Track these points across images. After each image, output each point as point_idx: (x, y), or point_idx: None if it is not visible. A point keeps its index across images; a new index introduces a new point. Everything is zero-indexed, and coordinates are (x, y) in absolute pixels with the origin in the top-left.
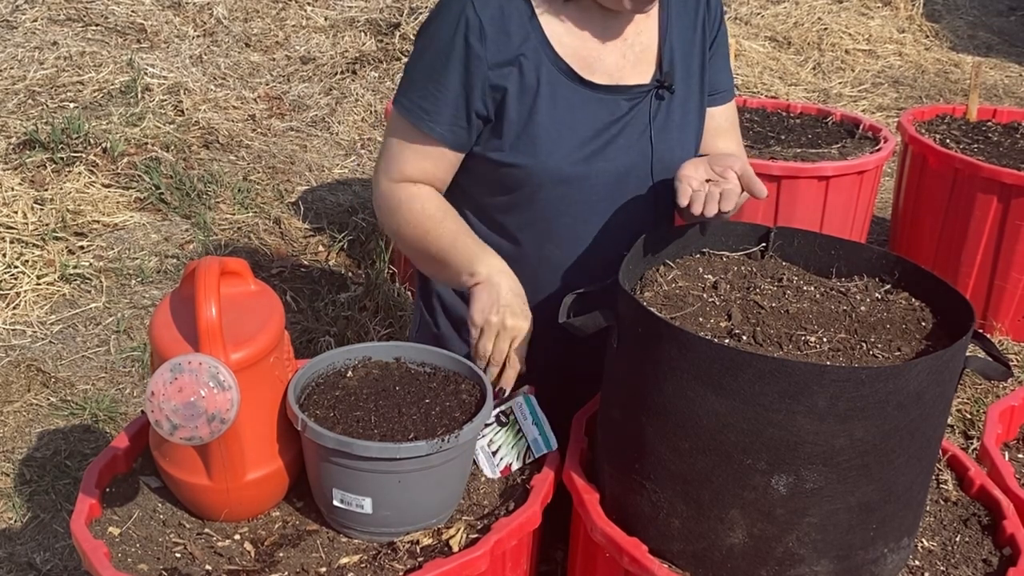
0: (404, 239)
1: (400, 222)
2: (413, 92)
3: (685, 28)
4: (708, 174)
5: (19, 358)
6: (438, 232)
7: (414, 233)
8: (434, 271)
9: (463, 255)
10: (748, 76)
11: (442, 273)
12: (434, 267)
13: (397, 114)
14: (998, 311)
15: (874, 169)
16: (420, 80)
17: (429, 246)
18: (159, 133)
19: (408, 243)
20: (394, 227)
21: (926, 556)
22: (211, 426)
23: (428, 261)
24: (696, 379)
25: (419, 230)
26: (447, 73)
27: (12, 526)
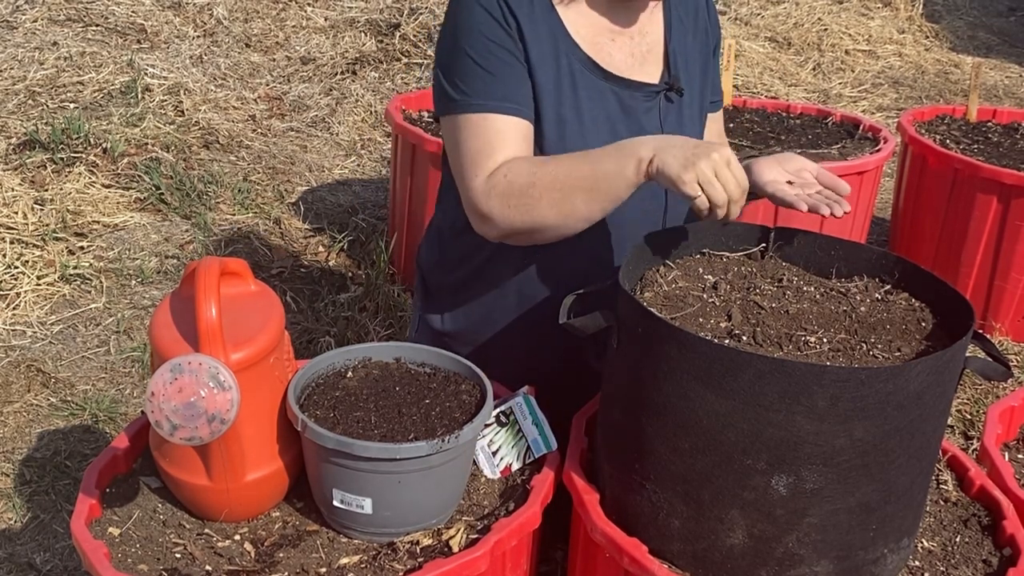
0: (543, 203)
1: (531, 191)
2: (476, 89)
3: (686, 32)
4: (787, 176)
5: (19, 358)
6: (570, 168)
7: (551, 186)
8: (598, 197)
9: (610, 159)
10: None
11: (607, 192)
12: (596, 195)
13: (462, 118)
14: (998, 311)
15: (874, 169)
16: (478, 78)
17: (570, 184)
18: (159, 133)
19: (548, 203)
20: (528, 203)
21: (926, 556)
22: (211, 426)
23: (588, 195)
24: (696, 379)
25: (552, 187)
26: (499, 52)
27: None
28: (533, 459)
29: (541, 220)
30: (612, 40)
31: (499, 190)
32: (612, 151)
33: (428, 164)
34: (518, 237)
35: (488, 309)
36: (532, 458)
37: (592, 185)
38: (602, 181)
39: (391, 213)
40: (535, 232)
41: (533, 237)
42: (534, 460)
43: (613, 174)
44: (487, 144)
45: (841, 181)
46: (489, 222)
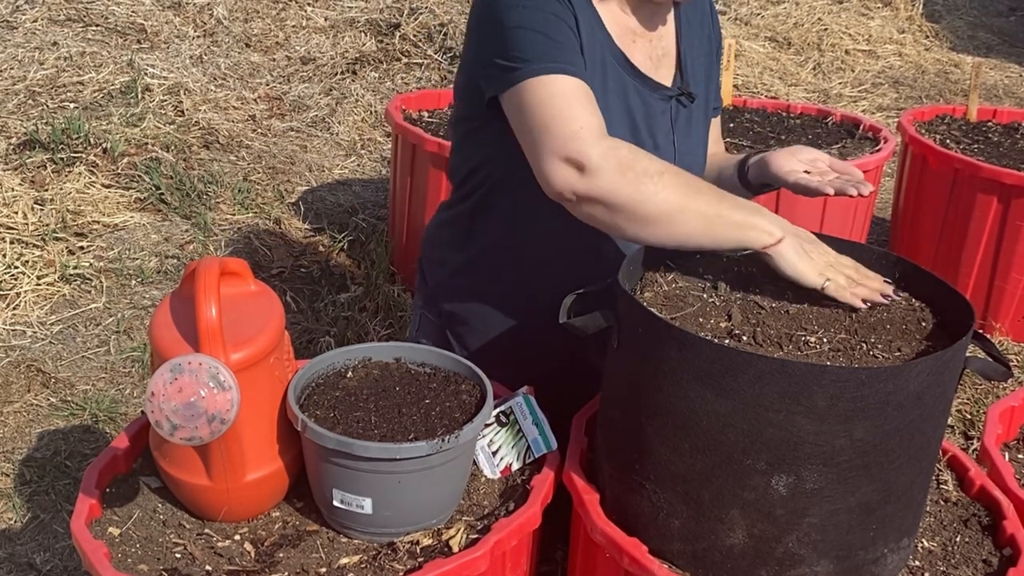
0: (659, 197)
1: (656, 178)
2: (544, 51)
3: (694, 38)
4: (804, 166)
5: (19, 358)
6: (700, 189)
7: (675, 191)
8: (705, 230)
9: (743, 211)
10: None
11: (714, 232)
12: (706, 226)
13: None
14: (998, 311)
15: (874, 169)
16: (548, 47)
17: (692, 206)
18: (159, 133)
19: (664, 203)
20: (645, 185)
21: (926, 556)
22: (211, 426)
23: (698, 220)
24: (696, 379)
25: (678, 188)
26: (562, 27)
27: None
28: (533, 459)
29: (645, 209)
30: (634, 41)
31: (622, 155)
32: (744, 204)
33: (428, 164)
34: (594, 207)
35: (491, 307)
36: (532, 458)
37: (714, 217)
38: (725, 222)
39: (391, 213)
40: (621, 214)
41: (609, 217)
42: (534, 460)
43: (738, 224)
44: (585, 99)
45: (852, 167)
46: (588, 175)
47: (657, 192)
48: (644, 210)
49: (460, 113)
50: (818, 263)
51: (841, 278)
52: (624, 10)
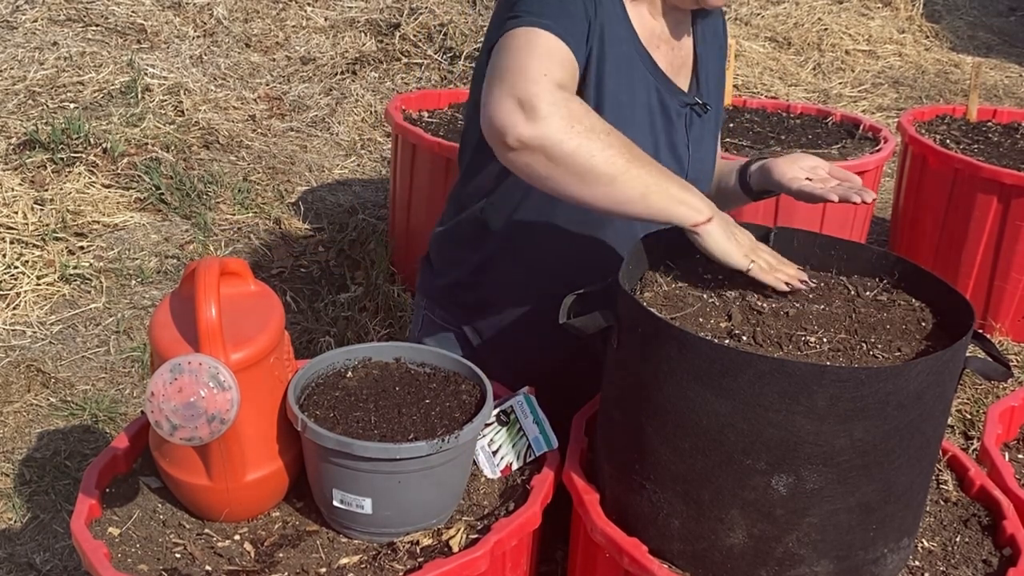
0: (604, 154)
1: (603, 136)
2: (544, 11)
3: (710, 49)
4: (805, 173)
5: (19, 358)
6: (642, 157)
7: (621, 151)
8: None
9: (678, 185)
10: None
11: (650, 202)
12: (644, 195)
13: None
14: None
15: (874, 169)
16: (551, 9)
17: (634, 171)
18: (159, 133)
19: (607, 162)
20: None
21: (926, 556)
22: (211, 426)
23: (639, 188)
24: (696, 379)
25: (623, 150)
26: (573, 7)
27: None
28: (534, 457)
29: (588, 165)
30: (658, 47)
31: (572, 107)
32: (681, 181)
33: (428, 164)
34: (534, 156)
35: (494, 305)
36: (533, 456)
37: (653, 185)
38: (663, 194)
39: (391, 213)
40: (561, 167)
41: (546, 170)
42: (535, 459)
43: (674, 198)
44: (560, 61)
45: (852, 174)
46: (536, 121)
47: (603, 149)
48: (587, 165)
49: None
50: (743, 245)
51: (762, 262)
52: (653, 14)
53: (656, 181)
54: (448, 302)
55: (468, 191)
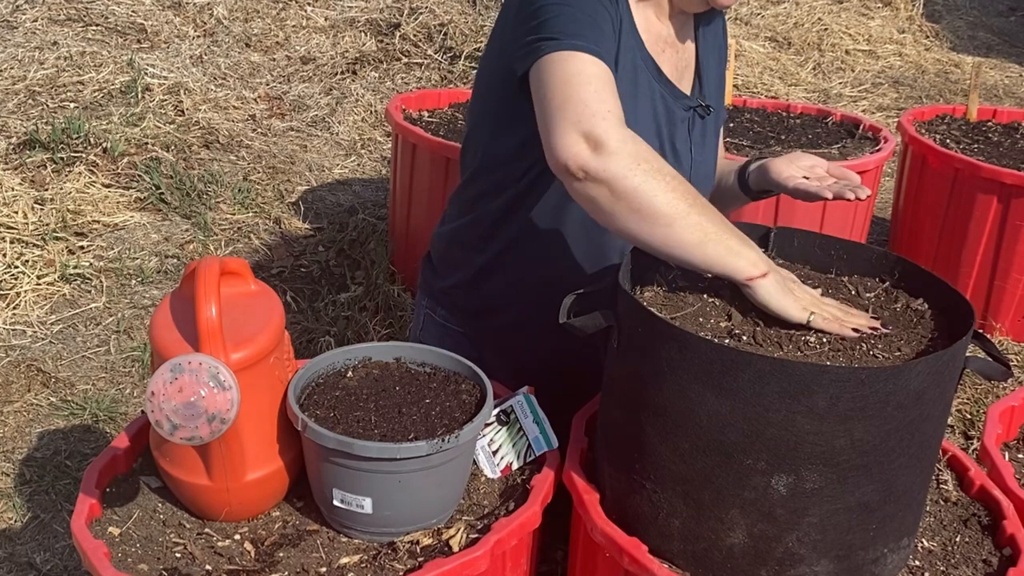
0: (667, 196)
1: (668, 179)
2: (582, 31)
3: (711, 51)
4: (803, 172)
5: (19, 358)
6: (704, 206)
7: (684, 196)
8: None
9: (737, 238)
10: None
11: (706, 253)
12: (701, 242)
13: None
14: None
15: (874, 169)
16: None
17: (694, 217)
18: (159, 133)
19: (668, 204)
20: (657, 181)
21: (926, 556)
22: (211, 426)
23: (696, 234)
24: (696, 379)
25: (686, 195)
26: (603, 14)
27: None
28: (534, 457)
29: (650, 203)
30: (663, 50)
31: (640, 147)
32: (737, 232)
33: (428, 164)
34: (599, 189)
35: (496, 307)
36: (533, 456)
37: (711, 233)
38: (720, 243)
39: (391, 213)
40: (623, 203)
41: (609, 204)
42: (534, 459)
43: (731, 250)
44: (612, 88)
45: (850, 172)
46: (603, 155)
47: (666, 191)
48: (648, 204)
49: (487, 108)
50: (802, 299)
51: (825, 314)
52: (660, 18)
53: (716, 230)
54: (449, 302)
55: (471, 195)
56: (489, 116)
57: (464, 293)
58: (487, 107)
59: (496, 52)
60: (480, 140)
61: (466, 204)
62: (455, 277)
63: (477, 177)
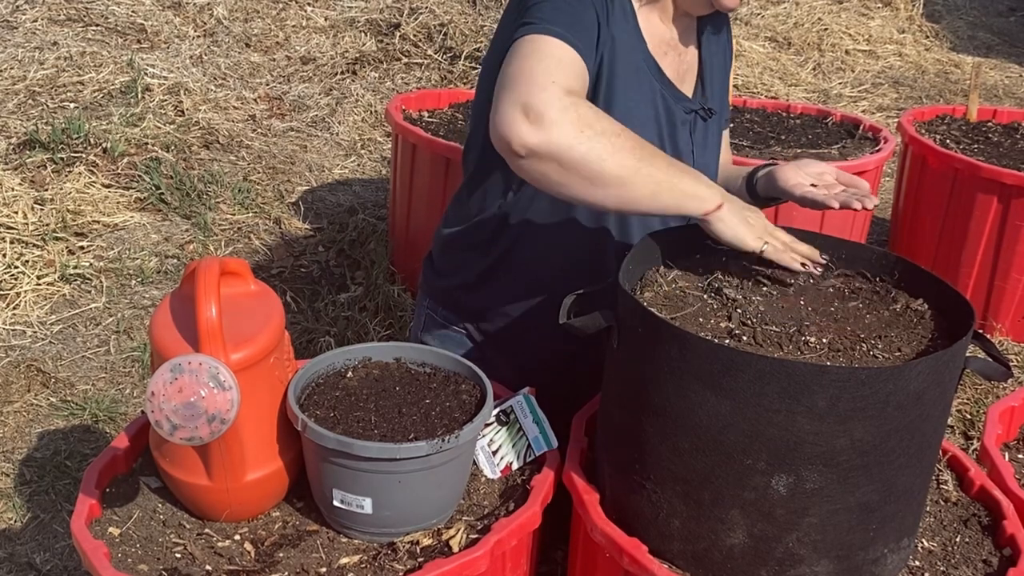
0: (615, 158)
1: (612, 139)
2: (557, 19)
3: (715, 54)
4: (810, 180)
5: (19, 358)
6: (652, 155)
7: (631, 151)
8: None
9: (689, 177)
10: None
11: (662, 198)
12: (656, 193)
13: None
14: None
15: (874, 169)
16: (562, 17)
17: (644, 170)
18: (159, 133)
19: (618, 166)
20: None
21: (926, 556)
22: (211, 426)
23: (649, 186)
24: (696, 379)
25: (633, 150)
26: (587, 10)
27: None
28: (534, 457)
29: (600, 169)
30: (665, 53)
31: (582, 111)
32: (691, 172)
33: (428, 164)
34: (546, 164)
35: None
36: (533, 456)
37: (664, 182)
38: (673, 190)
39: (391, 213)
40: (574, 173)
41: (559, 176)
42: (534, 459)
43: (683, 192)
44: (570, 68)
45: (859, 179)
46: (544, 127)
47: (613, 153)
48: (599, 170)
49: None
50: (756, 227)
51: (777, 242)
52: (664, 20)
53: (666, 177)
54: (451, 303)
55: (473, 195)
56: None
57: (465, 293)
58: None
59: (497, 53)
60: (482, 141)
61: (468, 205)
62: (457, 277)
63: (479, 178)
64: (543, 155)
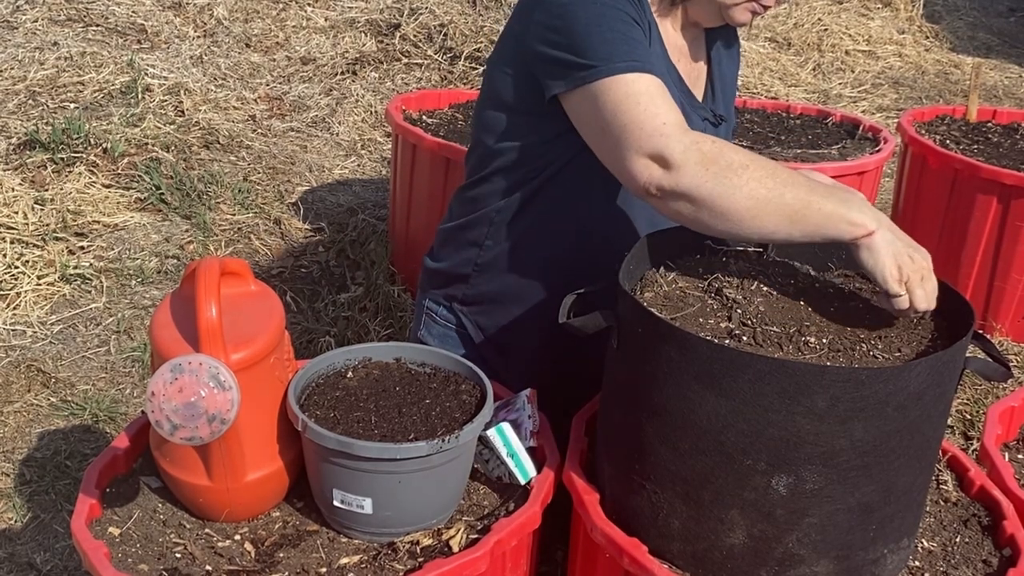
0: (744, 190)
1: (740, 171)
2: (619, 51)
3: (725, 62)
4: None
5: (19, 358)
6: (787, 181)
7: (761, 181)
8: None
9: (837, 200)
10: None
11: (806, 225)
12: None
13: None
14: (998, 312)
15: (874, 170)
16: (620, 46)
17: (775, 200)
18: (159, 134)
19: (747, 198)
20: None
21: (926, 557)
22: (211, 426)
23: (789, 213)
24: (696, 379)
25: (762, 180)
26: (631, 27)
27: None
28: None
29: (730, 204)
30: (679, 60)
31: (705, 149)
32: (837, 193)
33: (428, 164)
34: (679, 203)
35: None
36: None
37: (802, 209)
38: (814, 214)
39: (391, 213)
40: (705, 210)
41: (693, 213)
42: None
43: (829, 216)
44: (661, 97)
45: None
46: (672, 170)
47: (741, 187)
48: (727, 205)
49: (498, 112)
50: (907, 269)
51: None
52: (676, 28)
53: (805, 204)
54: (450, 300)
55: (475, 194)
56: (500, 120)
57: (463, 291)
58: (499, 111)
59: (510, 56)
60: (488, 142)
61: (469, 203)
62: (455, 275)
63: (482, 178)
64: (675, 195)
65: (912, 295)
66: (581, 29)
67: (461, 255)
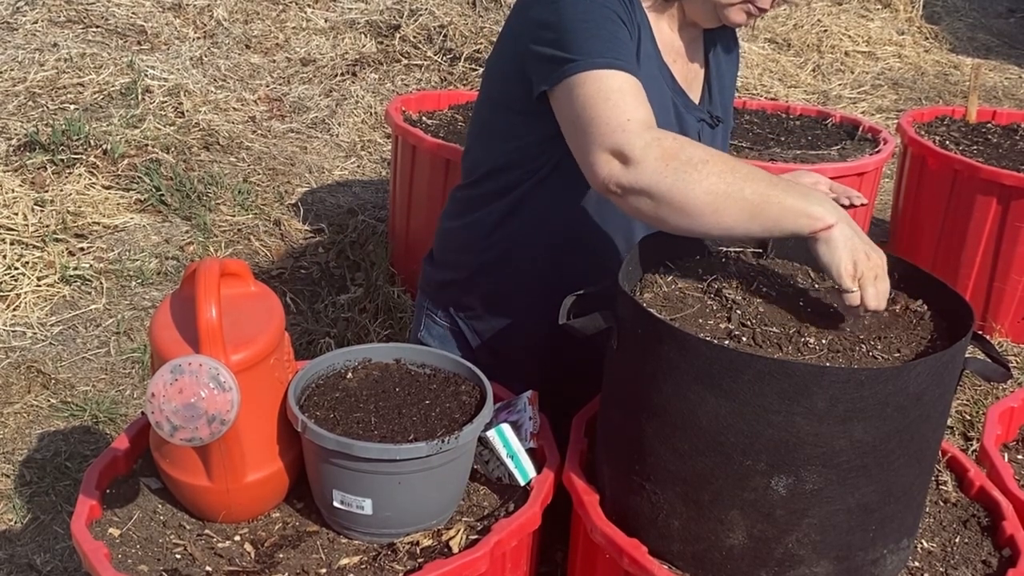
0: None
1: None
2: (600, 48)
3: (723, 63)
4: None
5: (19, 359)
6: (747, 176)
7: (721, 176)
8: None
9: (796, 195)
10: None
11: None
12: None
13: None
14: (997, 313)
15: (874, 171)
16: (602, 43)
17: (735, 195)
18: (159, 135)
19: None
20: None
21: (926, 557)
22: (211, 427)
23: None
24: (696, 380)
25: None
26: (619, 26)
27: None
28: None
29: (688, 199)
30: (675, 61)
31: (665, 145)
32: (798, 188)
33: (428, 165)
34: (639, 199)
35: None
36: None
37: (761, 203)
38: (773, 208)
39: (391, 214)
40: (665, 206)
41: (653, 210)
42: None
43: (788, 209)
44: (633, 96)
45: (853, 190)
46: (632, 166)
47: (700, 181)
48: (686, 200)
49: (496, 112)
50: (862, 265)
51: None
52: (672, 28)
53: (765, 198)
54: (450, 301)
55: (474, 194)
56: (497, 120)
57: (463, 292)
58: (496, 111)
59: (508, 56)
60: (486, 142)
61: (468, 203)
62: (454, 276)
63: (480, 178)
64: (635, 192)
65: (864, 292)
66: (568, 24)
67: (460, 259)
